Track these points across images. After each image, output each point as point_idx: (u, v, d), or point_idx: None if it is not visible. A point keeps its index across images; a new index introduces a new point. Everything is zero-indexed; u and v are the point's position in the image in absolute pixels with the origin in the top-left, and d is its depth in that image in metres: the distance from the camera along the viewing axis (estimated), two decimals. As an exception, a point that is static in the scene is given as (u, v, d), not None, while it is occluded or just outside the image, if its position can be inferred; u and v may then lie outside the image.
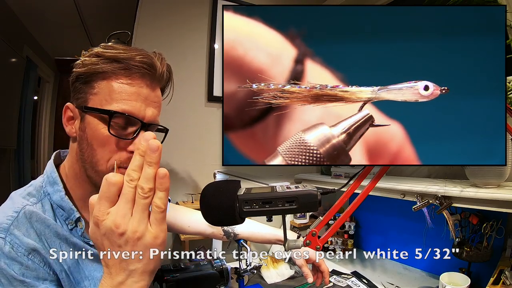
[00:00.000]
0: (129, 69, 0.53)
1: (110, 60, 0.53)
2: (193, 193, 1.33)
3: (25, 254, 0.48)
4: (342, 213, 0.65)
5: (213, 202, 0.56)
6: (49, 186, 0.56)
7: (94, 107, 0.53)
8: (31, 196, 0.54)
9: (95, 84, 0.53)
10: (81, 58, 0.54)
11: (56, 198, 0.55)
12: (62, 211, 0.55)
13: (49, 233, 0.52)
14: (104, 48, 0.54)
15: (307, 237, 0.64)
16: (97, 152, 0.53)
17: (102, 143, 0.53)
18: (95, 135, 0.53)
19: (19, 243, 0.48)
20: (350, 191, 0.65)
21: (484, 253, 0.93)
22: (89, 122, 0.53)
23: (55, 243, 0.52)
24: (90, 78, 0.53)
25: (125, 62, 0.53)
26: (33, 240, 0.49)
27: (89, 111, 0.53)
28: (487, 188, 0.85)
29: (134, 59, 0.53)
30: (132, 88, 0.54)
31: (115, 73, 0.53)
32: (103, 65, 0.52)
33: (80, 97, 0.54)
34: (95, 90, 0.53)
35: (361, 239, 1.50)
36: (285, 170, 1.59)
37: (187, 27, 1.40)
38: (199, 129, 1.40)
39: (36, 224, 0.51)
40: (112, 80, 0.53)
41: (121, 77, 0.53)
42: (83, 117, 0.54)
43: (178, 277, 0.85)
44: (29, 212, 0.51)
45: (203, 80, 1.43)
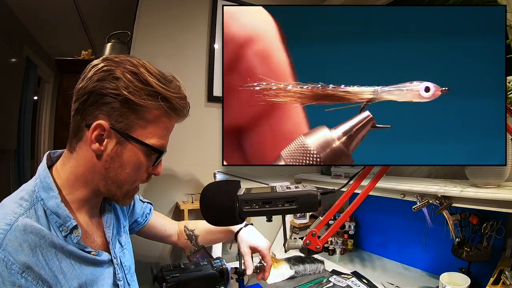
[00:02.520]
0: (174, 110, 0.57)
1: (157, 94, 0.54)
2: (193, 193, 1.33)
3: (19, 272, 0.46)
4: (342, 213, 0.65)
5: (213, 202, 0.56)
6: (42, 191, 0.54)
7: (140, 139, 0.55)
8: (23, 200, 0.52)
9: (143, 115, 0.55)
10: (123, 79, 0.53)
11: (51, 205, 0.53)
12: (57, 218, 0.53)
13: (45, 244, 0.50)
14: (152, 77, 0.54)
15: (307, 237, 0.64)
16: (129, 174, 0.57)
17: (137, 168, 0.58)
18: (132, 161, 0.56)
19: (13, 260, 0.46)
20: (350, 191, 0.65)
21: (484, 253, 0.93)
22: (130, 149, 0.55)
23: (51, 253, 0.50)
24: (140, 108, 0.54)
25: (171, 103, 0.56)
26: (26, 255, 0.47)
27: (135, 142, 0.55)
28: (487, 188, 0.85)
29: (177, 101, 0.57)
30: (169, 125, 0.59)
31: (164, 114, 0.57)
32: (155, 102, 0.54)
33: (121, 121, 0.54)
34: (142, 121, 0.55)
35: (361, 239, 1.51)
36: (285, 170, 1.59)
37: (187, 27, 1.40)
38: (199, 129, 1.40)
39: (31, 236, 0.49)
40: (160, 119, 0.57)
41: (165, 117, 0.57)
42: (123, 142, 0.55)
43: (178, 277, 0.85)
44: (23, 224, 0.48)
45: (203, 80, 1.42)
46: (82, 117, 0.54)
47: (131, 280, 0.68)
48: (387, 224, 1.38)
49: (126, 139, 0.55)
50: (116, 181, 0.57)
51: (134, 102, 0.53)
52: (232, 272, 0.99)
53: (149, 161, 0.59)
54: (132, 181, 0.59)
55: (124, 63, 0.54)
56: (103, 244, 0.63)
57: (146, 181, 0.62)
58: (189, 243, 0.94)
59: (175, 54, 1.35)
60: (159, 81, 0.55)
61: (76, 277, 0.53)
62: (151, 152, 0.57)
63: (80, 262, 0.55)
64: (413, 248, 1.25)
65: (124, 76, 0.52)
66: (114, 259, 0.63)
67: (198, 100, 1.41)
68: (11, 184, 2.46)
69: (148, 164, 0.59)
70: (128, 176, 0.57)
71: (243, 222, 0.82)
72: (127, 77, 0.52)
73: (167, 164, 1.33)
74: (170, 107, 0.56)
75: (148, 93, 0.54)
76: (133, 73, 0.53)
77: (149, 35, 1.30)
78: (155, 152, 0.58)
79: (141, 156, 0.57)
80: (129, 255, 0.71)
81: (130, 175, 0.58)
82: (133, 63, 0.54)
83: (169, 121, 0.59)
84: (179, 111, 0.58)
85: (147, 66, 0.55)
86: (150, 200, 0.92)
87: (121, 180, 0.57)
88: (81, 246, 0.55)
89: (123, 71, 0.53)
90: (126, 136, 0.54)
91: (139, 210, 0.84)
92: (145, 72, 0.54)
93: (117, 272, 0.62)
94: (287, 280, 1.17)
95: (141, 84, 0.53)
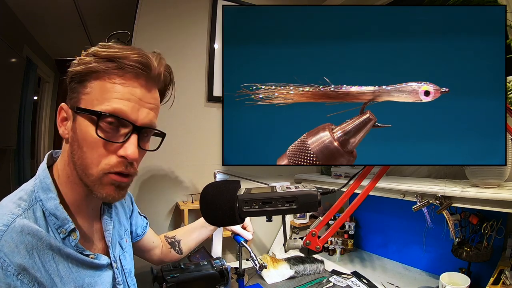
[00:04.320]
0: (123, 69, 0.51)
1: (104, 59, 0.51)
2: (193, 193, 1.33)
3: (14, 274, 0.45)
4: (342, 213, 0.65)
5: (213, 202, 0.56)
6: (41, 192, 0.53)
7: (85, 107, 0.51)
8: (22, 200, 0.51)
9: (88, 83, 0.51)
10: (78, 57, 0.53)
11: (50, 206, 0.52)
12: (55, 220, 0.52)
13: (42, 246, 0.49)
14: (100, 47, 0.52)
15: (307, 237, 0.64)
16: (87, 155, 0.51)
17: (91, 145, 0.51)
18: (85, 137, 0.51)
19: (8, 262, 0.45)
20: (350, 191, 0.65)
21: (484, 253, 0.93)
22: (80, 123, 0.51)
23: (48, 255, 0.49)
24: (84, 78, 0.51)
25: (118, 61, 0.51)
26: (22, 257, 0.46)
27: (80, 112, 0.51)
28: (487, 188, 0.85)
29: (129, 58, 0.51)
30: (125, 88, 0.51)
31: (108, 72, 0.51)
32: (97, 64, 0.50)
33: (73, 97, 0.52)
34: (88, 89, 0.51)
35: (361, 239, 1.50)
36: (285, 170, 1.59)
37: (187, 26, 1.40)
38: (199, 129, 1.40)
39: (28, 237, 0.48)
40: (105, 80, 0.51)
41: (114, 77, 0.51)
42: (75, 118, 0.52)
43: (178, 277, 0.85)
44: (20, 225, 0.48)
45: (203, 80, 1.43)
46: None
47: (131, 283, 0.67)
48: (387, 224, 1.38)
49: (76, 112, 0.51)
50: (81, 165, 0.52)
51: (78, 73, 0.51)
52: (232, 272, 1.00)
53: (108, 136, 0.51)
54: (96, 164, 0.51)
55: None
56: (103, 247, 0.63)
57: (120, 167, 0.52)
58: (172, 252, 0.93)
59: (175, 54, 1.35)
60: (102, 47, 0.52)
61: (73, 280, 0.52)
62: (103, 121, 0.50)
63: (78, 265, 0.54)
64: (413, 248, 1.25)
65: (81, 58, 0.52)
66: (113, 263, 0.62)
67: (198, 100, 1.41)
68: (11, 184, 2.46)
69: (110, 143, 0.51)
70: (88, 156, 0.51)
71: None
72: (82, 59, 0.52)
73: (167, 164, 1.33)
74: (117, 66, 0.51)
75: (89, 62, 0.51)
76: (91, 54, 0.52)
77: (149, 35, 1.30)
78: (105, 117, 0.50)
79: (91, 128, 0.50)
80: (129, 258, 0.70)
81: (89, 155, 0.51)
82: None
83: (123, 81, 0.51)
84: (133, 66, 0.51)
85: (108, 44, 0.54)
86: (150, 200, 0.92)
87: (84, 163, 0.51)
88: (80, 249, 0.55)
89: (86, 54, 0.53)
90: (75, 109, 0.51)
91: (140, 222, 0.84)
92: (95, 47, 0.53)
93: (117, 276, 0.62)
94: (287, 280, 1.17)
95: (86, 57, 0.52)
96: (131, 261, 0.71)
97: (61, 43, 2.85)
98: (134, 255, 0.81)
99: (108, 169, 0.52)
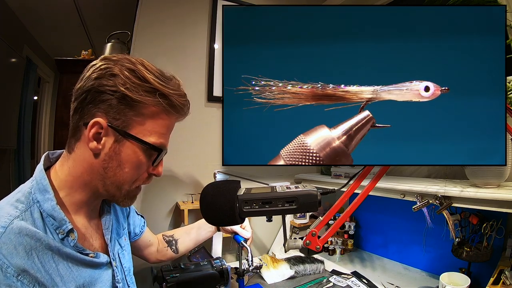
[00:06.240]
0: (173, 107, 0.56)
1: (155, 91, 0.53)
2: (193, 193, 1.33)
3: (14, 275, 0.45)
4: (342, 213, 0.65)
5: (213, 202, 0.56)
6: (38, 193, 0.53)
7: (139, 137, 0.54)
8: (19, 202, 0.51)
9: (140, 110, 0.54)
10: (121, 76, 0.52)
11: (47, 207, 0.52)
12: (53, 221, 0.52)
13: (40, 246, 0.49)
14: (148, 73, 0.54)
15: (307, 237, 0.64)
16: (128, 174, 0.56)
17: (136, 166, 0.56)
18: (130, 159, 0.55)
19: (8, 263, 0.45)
20: (350, 191, 0.65)
21: (484, 253, 0.93)
22: (128, 147, 0.54)
23: (47, 256, 0.49)
24: (137, 105, 0.53)
25: (170, 100, 0.55)
26: (21, 258, 0.46)
27: (133, 139, 0.54)
28: (487, 188, 0.85)
29: (179, 100, 0.57)
30: (169, 124, 0.59)
31: (163, 111, 0.56)
32: (154, 98, 0.53)
33: (119, 118, 0.53)
34: (140, 119, 0.54)
35: (361, 239, 1.50)
36: (285, 170, 1.59)
37: (187, 26, 1.40)
38: (199, 129, 1.40)
39: (26, 239, 0.48)
40: (158, 115, 0.56)
41: (163, 115, 0.56)
42: (120, 140, 0.54)
43: (178, 277, 0.85)
44: (18, 227, 0.48)
45: (203, 80, 1.42)
46: (80, 116, 0.54)
47: (130, 282, 0.68)
48: (387, 224, 1.38)
49: (124, 136, 0.54)
50: (115, 181, 0.56)
51: (132, 98, 0.52)
52: (232, 272, 1.00)
53: (149, 160, 0.58)
54: (132, 181, 0.58)
55: (122, 61, 0.54)
56: (102, 246, 0.63)
57: (147, 181, 0.61)
58: (168, 250, 0.94)
59: (175, 54, 1.35)
60: (157, 78, 0.54)
61: (74, 280, 0.52)
62: (150, 150, 0.56)
63: (78, 264, 0.54)
64: (413, 248, 1.25)
65: (121, 73, 0.52)
66: (113, 261, 0.62)
67: (198, 100, 1.41)
68: (11, 184, 2.46)
69: (148, 164, 0.58)
70: (127, 175, 0.56)
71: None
72: (124, 74, 0.52)
73: (167, 164, 1.32)
74: (169, 104, 0.55)
75: (145, 90, 0.53)
76: (131, 70, 0.53)
77: (149, 35, 1.30)
78: (154, 151, 0.57)
79: (140, 154, 0.56)
80: (128, 256, 0.71)
81: (129, 175, 0.57)
82: (131, 60, 0.54)
83: (168, 118, 0.57)
84: (179, 108, 0.57)
85: (145, 64, 0.55)
86: (150, 200, 0.92)
87: (120, 180, 0.56)
88: (79, 248, 0.55)
89: (120, 68, 0.52)
90: (124, 133, 0.54)
91: (137, 222, 0.84)
92: (142, 69, 0.53)
93: (116, 274, 0.62)
94: (287, 280, 1.17)
95: (139, 81, 0.53)
96: (130, 260, 0.71)
97: (61, 43, 2.85)
98: (135, 254, 0.83)
99: (139, 184, 0.60)
